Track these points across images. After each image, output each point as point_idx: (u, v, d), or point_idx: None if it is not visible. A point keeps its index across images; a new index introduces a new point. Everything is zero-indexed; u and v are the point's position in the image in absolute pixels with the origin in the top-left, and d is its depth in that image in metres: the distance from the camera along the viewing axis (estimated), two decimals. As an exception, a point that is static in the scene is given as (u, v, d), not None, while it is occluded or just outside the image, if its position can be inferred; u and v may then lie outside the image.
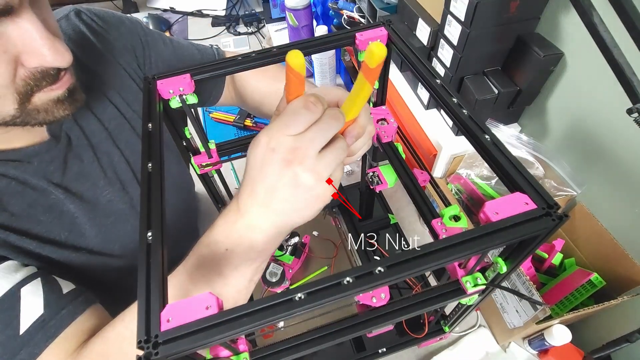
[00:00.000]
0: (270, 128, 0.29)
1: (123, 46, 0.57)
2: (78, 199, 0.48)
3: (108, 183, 0.52)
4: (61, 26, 0.51)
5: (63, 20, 0.52)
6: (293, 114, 0.29)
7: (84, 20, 0.54)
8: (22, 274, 0.40)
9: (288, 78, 0.30)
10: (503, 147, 0.30)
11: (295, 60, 0.28)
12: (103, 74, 0.53)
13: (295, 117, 0.29)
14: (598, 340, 0.59)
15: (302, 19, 1.03)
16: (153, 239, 0.27)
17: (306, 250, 0.71)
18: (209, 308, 0.23)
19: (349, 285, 0.24)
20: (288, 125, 0.29)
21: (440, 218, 0.35)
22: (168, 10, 1.49)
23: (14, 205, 0.43)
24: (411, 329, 0.53)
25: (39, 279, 0.40)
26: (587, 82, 0.63)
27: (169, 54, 0.62)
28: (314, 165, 0.29)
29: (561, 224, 0.25)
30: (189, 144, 0.49)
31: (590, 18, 0.42)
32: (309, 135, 0.29)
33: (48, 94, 0.39)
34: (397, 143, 0.47)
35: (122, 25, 0.59)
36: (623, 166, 0.61)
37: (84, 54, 0.52)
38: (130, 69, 0.57)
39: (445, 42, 0.69)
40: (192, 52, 0.66)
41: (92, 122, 0.51)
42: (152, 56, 0.60)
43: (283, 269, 0.64)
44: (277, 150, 0.29)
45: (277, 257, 0.68)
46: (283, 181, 0.29)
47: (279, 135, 0.29)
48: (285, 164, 0.29)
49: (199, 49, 0.67)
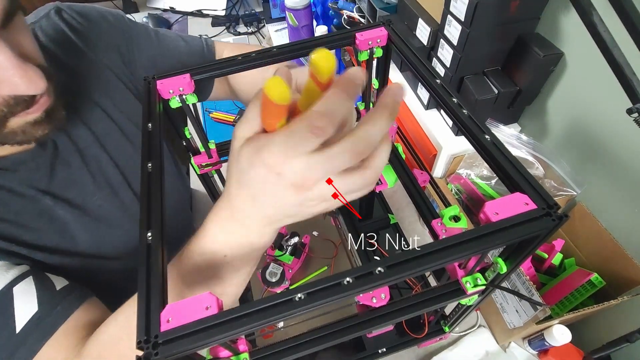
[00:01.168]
0: (270, 149, 0.25)
1: (106, 44, 0.55)
2: (67, 204, 0.48)
3: (97, 188, 0.51)
4: (42, 25, 0.50)
5: (44, 19, 0.51)
6: (300, 138, 0.24)
7: (64, 18, 0.52)
8: (13, 272, 0.40)
9: (264, 107, 0.25)
10: (503, 147, 0.30)
11: (276, 91, 0.22)
12: (87, 75, 0.52)
13: (302, 143, 0.24)
14: (598, 340, 0.59)
15: (302, 19, 1.03)
16: (153, 239, 0.27)
17: (306, 250, 0.71)
18: (208, 308, 0.23)
19: (349, 286, 0.24)
20: (295, 149, 0.24)
21: (440, 218, 0.35)
22: (168, 10, 1.49)
23: (1, 213, 0.43)
24: (411, 329, 0.53)
25: (30, 277, 0.40)
26: (587, 82, 0.63)
27: (154, 49, 0.60)
28: (325, 191, 0.26)
29: (561, 224, 0.25)
30: (189, 144, 0.49)
31: (590, 18, 0.42)
32: (320, 162, 0.24)
33: (24, 118, 0.38)
34: (397, 143, 0.47)
35: (105, 21, 0.57)
36: (623, 166, 0.61)
37: (66, 55, 0.50)
38: (116, 68, 0.56)
39: (445, 42, 0.69)
40: (178, 44, 0.63)
41: (78, 127, 0.50)
42: (136, 52, 0.59)
43: (283, 269, 0.64)
44: (285, 176, 0.25)
45: (277, 257, 0.68)
46: (291, 202, 0.26)
47: (285, 159, 0.24)
48: (295, 190, 0.25)
49: (186, 40, 0.65)
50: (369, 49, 0.42)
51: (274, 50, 0.42)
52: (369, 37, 0.41)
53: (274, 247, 0.69)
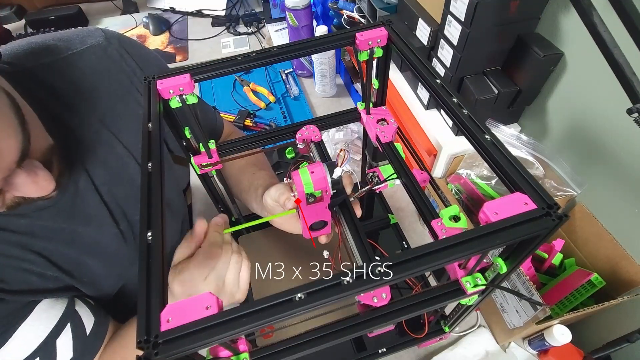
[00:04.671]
0: (183, 275, 0.46)
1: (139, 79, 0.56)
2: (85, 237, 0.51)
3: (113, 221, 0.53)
4: (95, 53, 0.51)
5: (97, 48, 0.51)
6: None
7: (115, 47, 0.53)
8: (55, 315, 0.47)
9: None
10: (503, 147, 0.30)
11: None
12: (121, 107, 0.53)
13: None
14: (598, 340, 0.59)
15: (302, 19, 1.03)
16: (153, 239, 0.27)
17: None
18: (209, 308, 0.23)
19: (349, 285, 0.24)
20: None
21: (440, 218, 0.35)
22: (168, 10, 1.49)
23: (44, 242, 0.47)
24: (411, 329, 0.53)
25: (69, 326, 0.48)
26: (587, 82, 0.63)
27: None
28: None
29: (561, 224, 0.25)
30: (189, 144, 0.49)
31: (590, 18, 0.42)
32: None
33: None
34: (397, 143, 0.47)
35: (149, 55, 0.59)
36: (623, 166, 0.61)
37: (110, 85, 0.51)
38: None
39: (445, 42, 0.69)
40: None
41: (97, 166, 0.51)
42: None
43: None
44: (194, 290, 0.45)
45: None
46: None
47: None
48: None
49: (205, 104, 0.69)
50: (369, 49, 0.42)
51: (274, 50, 0.42)
52: (369, 37, 0.41)
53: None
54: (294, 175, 0.41)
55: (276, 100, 1.09)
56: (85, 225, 0.50)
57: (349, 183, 0.48)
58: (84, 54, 0.50)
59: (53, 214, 0.47)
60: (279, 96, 1.10)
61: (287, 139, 0.51)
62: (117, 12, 1.53)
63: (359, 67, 0.62)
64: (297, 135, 0.50)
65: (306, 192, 0.40)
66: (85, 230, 0.50)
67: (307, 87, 1.14)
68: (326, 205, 0.44)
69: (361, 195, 0.50)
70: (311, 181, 0.40)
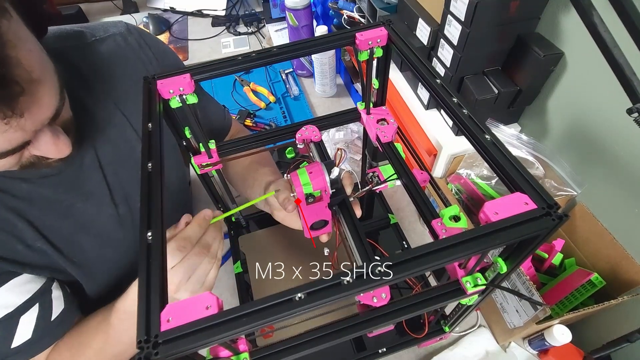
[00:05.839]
0: None
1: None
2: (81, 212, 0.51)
3: (111, 200, 0.54)
4: (116, 40, 0.54)
5: (117, 36, 0.54)
6: (171, 255, 0.42)
7: (135, 38, 0.56)
8: (27, 293, 0.47)
9: None
10: (503, 147, 0.30)
11: None
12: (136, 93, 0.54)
13: (171, 258, 0.43)
14: (598, 340, 0.59)
15: (302, 19, 1.03)
16: (153, 239, 0.27)
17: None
18: (209, 308, 0.23)
19: (349, 285, 0.24)
20: (170, 263, 0.42)
21: (440, 218, 0.35)
22: (168, 10, 1.49)
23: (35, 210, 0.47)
24: (411, 329, 0.53)
25: (37, 306, 0.48)
26: (587, 82, 0.63)
27: None
28: None
29: (561, 224, 0.25)
30: (189, 144, 0.49)
31: (590, 18, 0.42)
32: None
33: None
34: (397, 143, 0.47)
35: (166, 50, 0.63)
36: (623, 166, 0.61)
37: (127, 70, 0.53)
38: None
39: (445, 42, 0.69)
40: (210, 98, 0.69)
41: (105, 145, 0.52)
42: None
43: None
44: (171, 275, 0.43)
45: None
46: (175, 282, 0.43)
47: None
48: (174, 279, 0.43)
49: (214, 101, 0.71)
50: (369, 49, 0.42)
51: (274, 50, 0.42)
52: (369, 37, 0.41)
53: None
54: (293, 177, 0.41)
55: (276, 100, 1.09)
56: (84, 200, 0.50)
57: (350, 183, 0.48)
58: (106, 40, 0.53)
59: (55, 183, 0.48)
60: (279, 96, 1.10)
61: (287, 139, 0.51)
62: (117, 12, 1.53)
63: (359, 67, 0.62)
64: (297, 135, 0.50)
65: (305, 192, 0.40)
66: (83, 206, 0.50)
67: (307, 87, 1.14)
68: (326, 204, 0.44)
69: (361, 195, 0.50)
70: (310, 181, 0.40)
